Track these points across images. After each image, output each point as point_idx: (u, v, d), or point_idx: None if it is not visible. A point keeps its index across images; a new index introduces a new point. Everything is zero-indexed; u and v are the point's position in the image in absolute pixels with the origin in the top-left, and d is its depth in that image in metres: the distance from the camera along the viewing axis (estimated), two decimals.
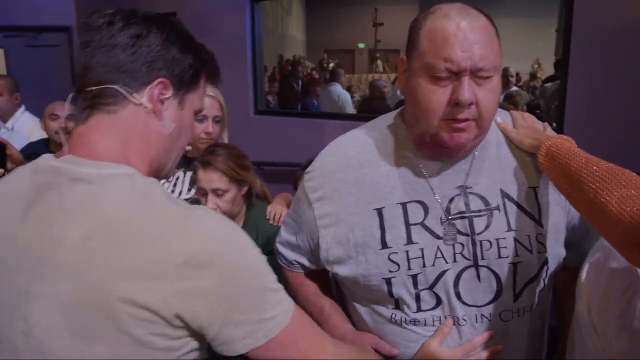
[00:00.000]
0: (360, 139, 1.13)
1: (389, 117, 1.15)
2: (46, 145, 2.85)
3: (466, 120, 0.96)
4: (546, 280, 1.09)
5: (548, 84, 4.32)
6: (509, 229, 1.05)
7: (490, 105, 0.97)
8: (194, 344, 0.81)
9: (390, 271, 1.04)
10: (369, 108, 5.00)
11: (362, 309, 1.13)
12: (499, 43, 0.98)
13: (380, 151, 1.10)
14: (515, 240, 1.04)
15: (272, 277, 0.84)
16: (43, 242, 0.78)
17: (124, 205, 0.77)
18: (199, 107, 0.94)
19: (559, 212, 1.08)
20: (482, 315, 1.05)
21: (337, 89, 5.46)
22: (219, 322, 0.77)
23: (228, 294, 0.77)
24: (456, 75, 0.94)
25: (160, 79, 0.85)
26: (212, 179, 1.67)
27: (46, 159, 0.84)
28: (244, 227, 1.73)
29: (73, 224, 0.76)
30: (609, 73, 2.57)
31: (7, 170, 1.80)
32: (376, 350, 1.09)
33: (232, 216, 1.70)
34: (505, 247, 1.04)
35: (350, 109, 5.54)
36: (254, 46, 3.87)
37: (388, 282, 1.05)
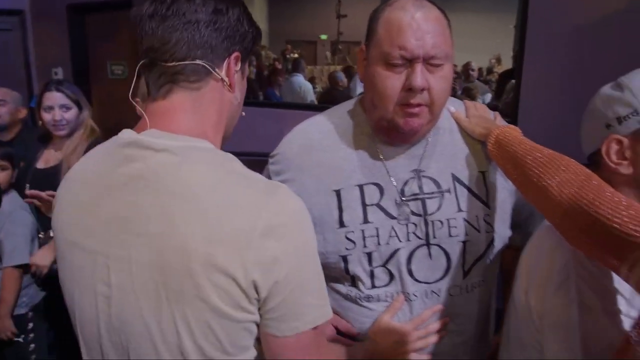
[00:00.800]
0: (322, 124, 1.18)
1: (349, 104, 1.20)
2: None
3: (419, 105, 1.02)
4: (492, 259, 1.17)
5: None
6: (459, 210, 1.11)
7: (442, 92, 1.04)
8: (257, 319, 0.83)
9: (347, 249, 1.09)
10: (329, 99, 5.05)
11: None
12: (451, 34, 1.04)
13: (341, 136, 1.15)
14: (465, 220, 1.11)
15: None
16: (125, 209, 0.81)
17: (206, 175, 0.80)
18: (248, 74, 0.97)
19: (506, 195, 1.15)
20: (432, 291, 1.12)
21: (299, 80, 5.48)
22: (285, 293, 0.80)
23: (299, 266, 0.81)
24: (410, 62, 1.00)
25: (236, 53, 0.87)
26: None
27: (129, 133, 0.86)
28: None
29: (156, 192, 0.79)
30: (562, 69, 2.69)
31: None
32: (336, 328, 1.14)
33: None
34: (455, 227, 1.11)
35: (312, 99, 5.58)
36: None
37: (344, 259, 1.10)
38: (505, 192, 1.15)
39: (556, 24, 2.68)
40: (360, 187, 1.11)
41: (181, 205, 0.78)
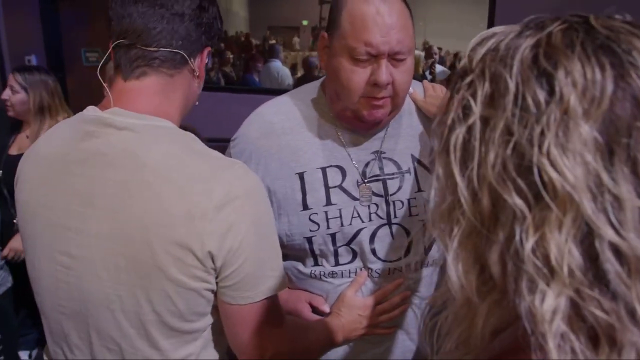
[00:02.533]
0: (283, 107, 1.20)
1: (310, 88, 1.22)
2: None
3: (383, 97, 1.05)
4: None
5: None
6: (419, 190, 1.15)
7: (405, 84, 1.07)
8: (213, 287, 0.87)
9: (311, 230, 1.12)
10: (304, 83, 5.05)
11: (286, 269, 1.20)
12: (413, 25, 1.06)
13: (303, 119, 1.17)
14: (425, 199, 1.15)
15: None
16: (86, 184, 0.85)
17: (165, 152, 0.85)
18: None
19: None
20: (394, 268, 1.16)
21: (277, 65, 5.47)
22: (239, 262, 0.85)
23: (253, 237, 0.86)
24: (375, 57, 1.02)
25: (209, 48, 0.94)
26: None
27: (92, 111, 0.90)
28: None
29: (116, 168, 0.84)
30: None
31: None
32: (310, 305, 1.18)
33: None
34: (416, 206, 1.14)
35: (290, 84, 5.58)
36: None
37: (309, 240, 1.13)
38: None
39: (523, 15, 2.72)
40: (323, 169, 1.14)
41: (140, 181, 0.82)
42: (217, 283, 0.87)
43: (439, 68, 4.82)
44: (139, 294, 0.84)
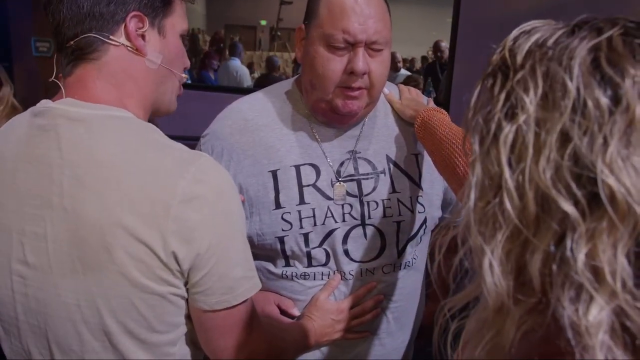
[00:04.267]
0: (256, 103, 1.17)
1: (285, 84, 1.20)
2: None
3: (359, 88, 1.03)
4: (424, 238, 1.21)
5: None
6: (394, 191, 1.14)
7: (381, 76, 1.05)
8: (183, 293, 0.81)
9: (283, 230, 1.09)
10: (266, 84, 5.01)
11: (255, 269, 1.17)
12: (390, 19, 1.05)
13: (277, 116, 1.14)
14: (399, 201, 1.14)
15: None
16: (40, 183, 0.78)
17: (122, 144, 0.77)
18: (184, 28, 0.90)
19: (437, 177, 1.19)
20: (367, 270, 1.14)
21: (236, 64, 5.40)
22: (209, 266, 0.78)
23: (222, 237, 0.79)
24: (352, 46, 1.00)
25: (132, 14, 0.81)
26: None
27: (44, 103, 0.83)
28: None
29: (69, 163, 0.76)
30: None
31: None
32: (278, 307, 1.14)
33: None
34: (390, 207, 1.13)
35: (249, 84, 5.52)
36: None
37: (281, 240, 1.10)
38: (435, 173, 1.19)
39: (486, 17, 2.78)
40: (297, 167, 1.11)
41: (95, 176, 0.75)
42: (187, 289, 0.81)
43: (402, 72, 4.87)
44: (100, 303, 0.77)
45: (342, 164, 1.13)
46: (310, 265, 1.12)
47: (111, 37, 0.81)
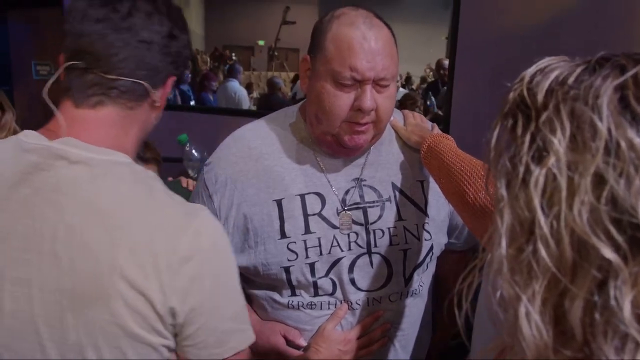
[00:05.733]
0: (260, 131, 1.16)
1: (289, 112, 1.19)
2: None
3: (366, 123, 1.03)
4: (430, 265, 1.19)
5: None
6: (399, 219, 1.13)
7: (388, 110, 1.05)
8: (171, 344, 0.79)
9: (289, 260, 1.08)
10: (267, 104, 5.02)
11: (260, 298, 1.16)
12: (397, 52, 1.05)
13: (281, 144, 1.13)
14: (405, 229, 1.13)
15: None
16: (28, 224, 0.73)
17: (125, 192, 0.75)
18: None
19: (442, 203, 1.18)
20: (374, 299, 1.13)
21: (234, 85, 5.41)
22: (202, 320, 0.77)
23: (217, 292, 0.79)
24: (359, 83, 1.00)
25: (173, 77, 0.85)
26: (155, 172, 1.57)
27: (36, 138, 0.77)
28: None
29: (66, 207, 0.72)
30: (490, 80, 2.81)
31: None
32: (285, 338, 1.13)
33: None
34: (396, 235, 1.12)
35: (247, 105, 5.52)
36: None
37: (287, 270, 1.09)
38: (441, 199, 1.18)
39: (485, 35, 2.80)
40: (302, 196, 1.10)
41: (95, 224, 0.72)
42: (178, 341, 0.79)
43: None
44: (89, 351, 0.73)
45: (347, 192, 1.12)
46: (316, 294, 1.10)
47: (153, 91, 0.81)
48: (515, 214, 0.46)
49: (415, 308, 1.19)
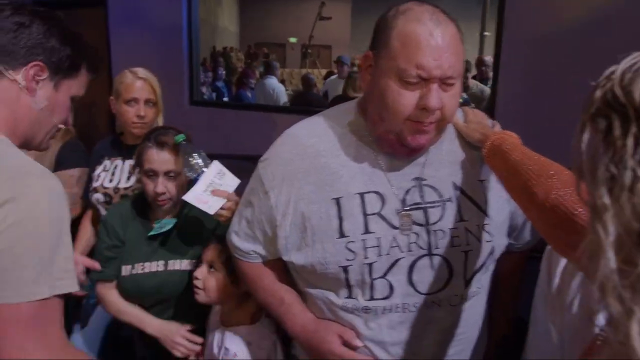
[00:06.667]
0: (316, 128, 1.14)
1: (346, 109, 1.17)
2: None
3: (430, 123, 1.00)
4: (490, 267, 1.16)
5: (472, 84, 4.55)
6: (461, 220, 1.10)
7: (453, 109, 1.03)
8: None
9: (348, 259, 1.06)
10: (303, 101, 5.02)
11: (316, 297, 1.15)
12: (463, 47, 1.02)
13: (339, 142, 1.11)
14: (466, 229, 1.10)
15: (63, 257, 0.91)
16: None
17: None
18: (78, 93, 1.09)
19: (503, 203, 1.15)
20: (433, 302, 1.10)
21: (272, 82, 5.44)
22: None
23: (17, 236, 0.85)
24: (425, 81, 0.97)
25: (36, 62, 0.98)
26: (166, 159, 1.55)
27: None
28: (182, 211, 1.66)
29: None
30: (537, 76, 2.73)
31: None
32: (341, 338, 1.11)
33: (176, 204, 1.63)
34: (457, 237, 1.09)
35: (285, 102, 5.54)
36: (190, 35, 3.77)
37: (345, 270, 1.07)
38: (502, 199, 1.14)
39: (531, 30, 2.72)
40: (361, 195, 1.08)
41: None
42: None
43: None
44: None
45: (407, 191, 1.09)
46: (372, 298, 1.08)
47: (10, 71, 0.97)
48: (622, 225, 0.42)
49: (474, 310, 1.16)
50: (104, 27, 3.93)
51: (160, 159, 1.55)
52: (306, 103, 4.88)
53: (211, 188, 1.43)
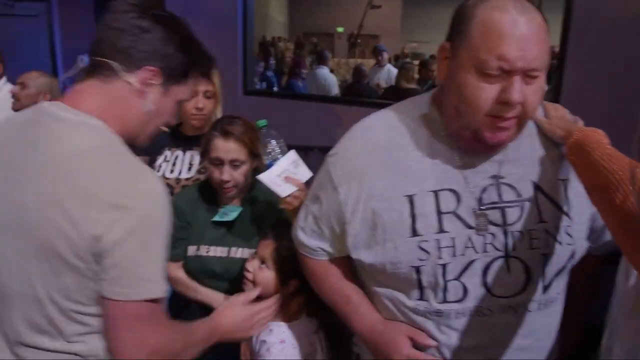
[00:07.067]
0: (389, 122, 1.10)
1: (419, 102, 1.12)
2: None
3: (511, 118, 0.95)
4: (569, 271, 1.10)
5: None
6: (540, 221, 1.04)
7: (536, 104, 0.97)
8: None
9: (420, 259, 1.03)
10: (354, 92, 4.97)
11: (385, 297, 1.11)
12: (549, 39, 0.96)
13: (412, 137, 1.07)
14: (546, 231, 1.04)
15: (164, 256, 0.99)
16: (16, 162, 0.97)
17: (83, 145, 0.95)
18: (185, 98, 1.12)
19: (585, 205, 1.08)
20: (509, 306, 1.05)
21: (324, 72, 5.40)
22: (120, 257, 0.92)
23: (139, 238, 0.93)
24: (507, 73, 0.92)
25: (151, 67, 1.01)
26: (232, 149, 1.58)
27: (46, 103, 1.03)
28: (248, 199, 1.69)
29: (36, 152, 0.96)
30: (606, 64, 2.59)
31: None
32: (411, 340, 1.08)
33: (242, 191, 1.65)
34: (537, 239, 1.04)
35: (336, 92, 5.51)
36: (244, 25, 3.79)
37: (417, 270, 1.03)
38: (584, 201, 1.08)
39: (601, 16, 2.58)
40: (435, 193, 1.04)
41: (53, 165, 0.93)
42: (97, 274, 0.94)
43: None
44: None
45: (484, 190, 1.04)
46: (445, 300, 1.04)
47: (126, 73, 1.00)
48: None
49: (551, 318, 1.10)
50: None
51: (225, 147, 1.58)
52: (357, 94, 4.83)
53: (285, 175, 1.43)
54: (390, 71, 5.65)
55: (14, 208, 0.94)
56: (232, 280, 1.60)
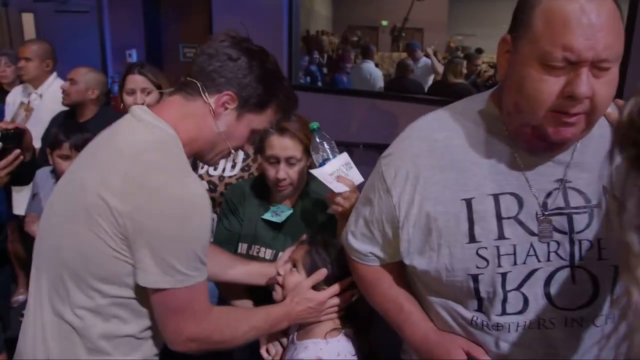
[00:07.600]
0: (447, 122, 1.04)
1: (477, 100, 1.06)
2: None
3: (577, 114, 0.87)
4: None
5: None
6: (611, 229, 0.96)
7: (606, 99, 0.88)
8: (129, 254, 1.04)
9: (478, 267, 0.97)
10: (398, 87, 4.87)
11: (440, 307, 1.06)
12: (623, 26, 0.88)
13: (470, 137, 1.01)
14: (617, 241, 0.96)
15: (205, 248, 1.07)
16: (94, 146, 1.15)
17: (144, 144, 1.06)
18: (260, 127, 1.20)
19: None
20: (573, 319, 0.98)
21: (369, 67, 5.31)
22: (153, 247, 1.00)
23: (168, 230, 1.01)
24: (573, 65, 0.84)
25: (229, 93, 1.12)
26: (288, 146, 1.54)
27: (137, 107, 1.15)
28: (299, 201, 1.65)
29: (108, 145, 1.11)
30: None
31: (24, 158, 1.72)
32: (467, 354, 1.02)
33: (297, 188, 1.62)
34: (606, 249, 0.96)
35: (381, 86, 5.40)
36: (290, 19, 3.76)
37: (475, 279, 0.97)
38: None
39: None
40: (495, 196, 0.97)
41: (117, 152, 1.06)
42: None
43: None
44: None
45: (549, 194, 0.97)
46: (504, 312, 0.98)
47: (207, 94, 1.11)
48: None
49: (620, 333, 1.02)
50: (208, 12, 4.03)
51: (281, 145, 1.54)
52: (402, 89, 4.73)
53: (337, 174, 1.40)
54: (426, 63, 5.49)
55: (77, 183, 1.07)
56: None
